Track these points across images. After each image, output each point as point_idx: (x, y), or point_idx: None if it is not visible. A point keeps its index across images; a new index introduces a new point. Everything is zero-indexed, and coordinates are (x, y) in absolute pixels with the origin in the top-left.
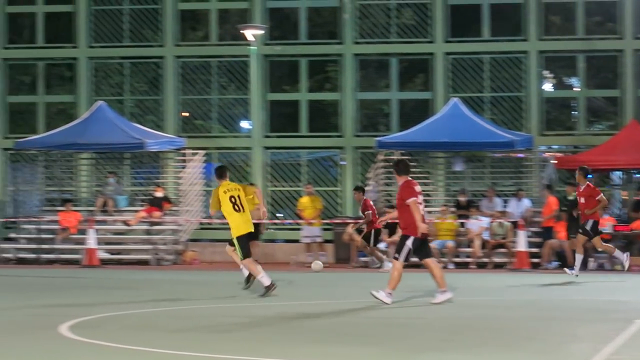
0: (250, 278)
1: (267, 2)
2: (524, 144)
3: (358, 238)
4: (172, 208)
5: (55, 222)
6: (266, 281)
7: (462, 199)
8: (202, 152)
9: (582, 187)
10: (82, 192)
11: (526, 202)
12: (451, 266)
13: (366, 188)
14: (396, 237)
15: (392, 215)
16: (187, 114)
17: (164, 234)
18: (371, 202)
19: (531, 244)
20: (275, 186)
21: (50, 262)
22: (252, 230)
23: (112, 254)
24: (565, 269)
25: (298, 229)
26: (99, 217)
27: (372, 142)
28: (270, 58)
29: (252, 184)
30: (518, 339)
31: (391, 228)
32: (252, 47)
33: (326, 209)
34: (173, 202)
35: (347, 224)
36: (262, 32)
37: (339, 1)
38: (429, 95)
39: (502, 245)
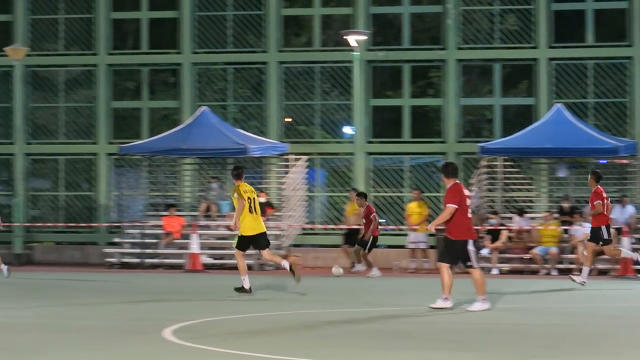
0: (293, 272)
1: (371, 8)
2: (628, 150)
3: None
4: (275, 213)
5: (159, 226)
6: (246, 284)
7: (565, 205)
8: (305, 157)
9: (593, 190)
10: (186, 197)
11: (630, 209)
12: (554, 272)
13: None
14: (499, 244)
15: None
16: (289, 120)
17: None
18: (373, 209)
19: (635, 251)
20: (378, 192)
21: (154, 266)
22: (260, 232)
23: (215, 258)
24: (571, 276)
25: (401, 235)
26: (202, 222)
27: (474, 148)
28: (373, 64)
29: (354, 190)
30: (624, 347)
31: (494, 234)
32: (355, 53)
33: (429, 215)
34: (276, 208)
35: None
36: (365, 37)
37: (442, 7)
38: (532, 101)
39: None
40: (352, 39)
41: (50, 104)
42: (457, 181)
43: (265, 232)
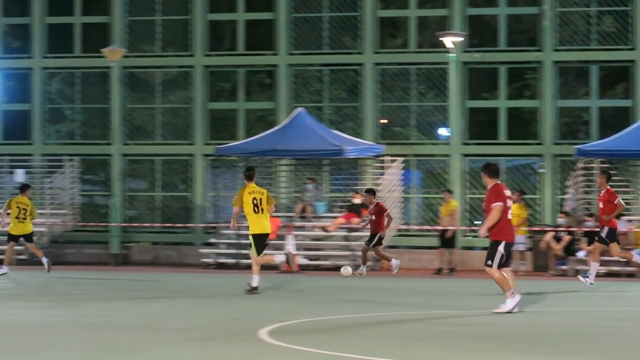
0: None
1: (467, 10)
2: None
3: (556, 246)
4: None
5: None
6: (254, 283)
7: None
8: (401, 159)
9: (602, 192)
10: (281, 198)
11: None
12: None
13: (565, 196)
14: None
15: (494, 220)
16: (385, 121)
17: (362, 241)
18: (385, 206)
19: None
20: (474, 193)
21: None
22: (267, 232)
23: (311, 259)
24: (579, 276)
25: None
26: (298, 223)
27: (571, 150)
28: (469, 65)
29: (449, 191)
30: None
31: (590, 236)
32: (451, 55)
33: (528, 216)
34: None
35: (545, 232)
36: (461, 39)
37: (538, 8)
38: (629, 103)
39: None
40: (448, 41)
41: (147, 105)
42: (498, 182)
43: (269, 234)
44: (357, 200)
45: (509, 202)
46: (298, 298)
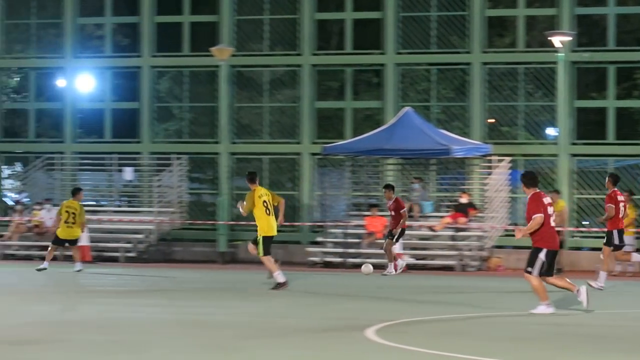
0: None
1: (576, 9)
2: None
3: None
4: (477, 214)
5: (361, 226)
6: (281, 279)
7: None
8: (508, 158)
9: (608, 193)
10: None
11: None
12: None
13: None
14: None
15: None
16: (492, 121)
17: (469, 240)
18: (403, 203)
19: None
20: (582, 194)
21: (356, 266)
22: (275, 234)
23: (417, 259)
24: (589, 281)
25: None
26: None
27: None
28: (578, 65)
29: (556, 191)
30: None
31: None
32: (559, 54)
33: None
34: (478, 209)
35: None
36: (570, 38)
37: None
38: None
39: None
40: (557, 40)
41: (254, 104)
42: (537, 190)
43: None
44: (464, 199)
45: (550, 210)
46: (404, 297)
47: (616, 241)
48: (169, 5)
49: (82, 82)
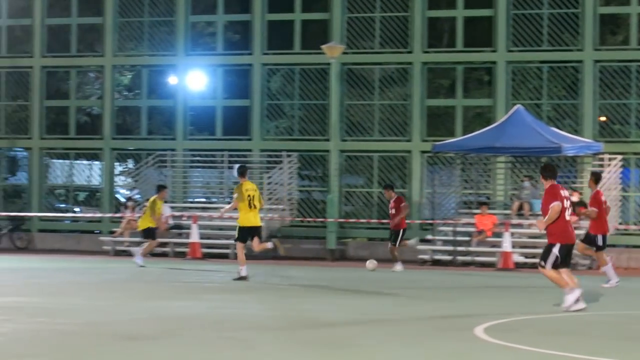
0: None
1: None
2: None
3: None
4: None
5: (471, 224)
6: (243, 272)
7: None
8: (620, 157)
9: (592, 194)
10: (498, 195)
11: None
12: None
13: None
14: None
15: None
16: (604, 119)
17: (578, 239)
18: (403, 199)
19: None
20: None
21: (466, 264)
22: (256, 226)
23: (527, 257)
24: (603, 284)
25: None
26: (515, 221)
27: None
28: None
29: None
30: None
31: None
32: None
33: None
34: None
35: None
36: None
37: None
38: None
39: None
40: None
41: (365, 102)
42: (555, 182)
43: (260, 227)
44: (575, 198)
45: (567, 203)
46: (513, 295)
47: (600, 243)
48: (280, 3)
49: (194, 80)
